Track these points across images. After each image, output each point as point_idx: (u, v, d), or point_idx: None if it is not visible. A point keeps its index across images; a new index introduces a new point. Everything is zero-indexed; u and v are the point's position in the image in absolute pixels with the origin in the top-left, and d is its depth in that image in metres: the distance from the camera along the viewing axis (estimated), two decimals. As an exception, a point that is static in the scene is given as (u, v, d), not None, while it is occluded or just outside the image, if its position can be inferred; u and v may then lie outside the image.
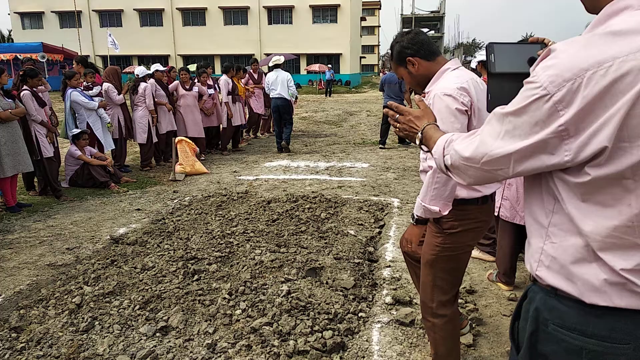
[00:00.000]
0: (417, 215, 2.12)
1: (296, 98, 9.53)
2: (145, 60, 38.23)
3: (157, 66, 8.03)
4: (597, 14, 0.95)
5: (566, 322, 0.99)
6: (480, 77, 5.56)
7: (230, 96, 8.96)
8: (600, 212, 0.92)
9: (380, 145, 9.44)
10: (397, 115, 1.45)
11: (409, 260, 2.61)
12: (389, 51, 2.29)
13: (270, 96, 9.02)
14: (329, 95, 27.68)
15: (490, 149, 1.00)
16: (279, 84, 8.80)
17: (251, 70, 10.20)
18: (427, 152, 1.39)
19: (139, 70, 7.71)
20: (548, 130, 0.90)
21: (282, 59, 9.27)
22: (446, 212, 2.01)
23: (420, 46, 2.09)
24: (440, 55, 2.13)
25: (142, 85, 7.51)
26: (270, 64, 9.21)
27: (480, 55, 5.95)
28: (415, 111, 1.41)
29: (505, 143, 0.97)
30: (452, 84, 1.97)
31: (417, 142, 1.36)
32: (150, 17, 39.74)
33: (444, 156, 1.15)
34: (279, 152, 9.07)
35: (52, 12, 39.42)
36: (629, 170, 0.88)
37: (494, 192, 2.19)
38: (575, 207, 0.95)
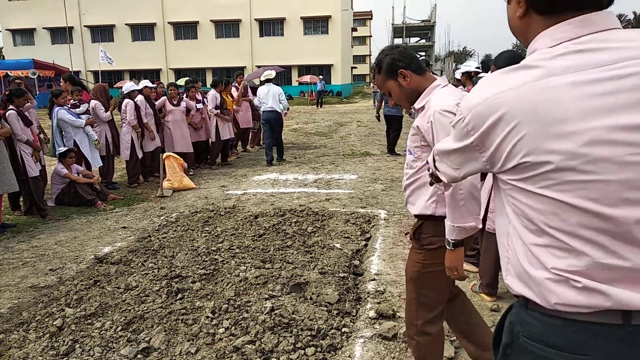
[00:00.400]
0: (452, 240, 2.01)
1: (287, 109, 9.67)
2: (137, 74, 38.29)
3: (145, 82, 8.05)
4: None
5: (533, 333, 1.02)
6: (464, 87, 5.63)
7: (218, 110, 9.00)
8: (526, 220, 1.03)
9: (388, 154, 9.85)
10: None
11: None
12: (375, 66, 2.29)
13: (262, 109, 9.11)
14: (320, 106, 27.76)
15: (445, 145, 1.18)
16: (270, 97, 8.93)
17: (236, 84, 10.21)
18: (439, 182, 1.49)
19: (126, 86, 7.72)
20: (466, 142, 1.08)
21: (273, 73, 9.44)
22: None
23: (411, 60, 2.12)
24: (428, 71, 2.16)
25: (125, 102, 7.51)
26: (262, 79, 9.37)
27: (465, 67, 6.01)
28: None
29: (450, 143, 1.16)
30: (448, 101, 1.99)
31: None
32: (142, 32, 39.90)
33: (433, 159, 1.30)
34: (267, 165, 9.11)
35: (43, 28, 39.51)
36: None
37: None
38: (512, 213, 1.05)
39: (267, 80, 9.20)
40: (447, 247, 2.03)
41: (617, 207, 0.91)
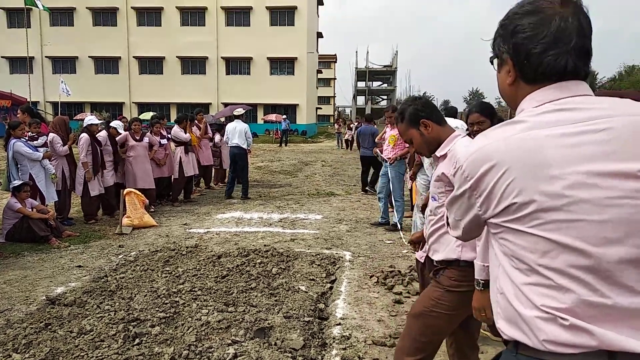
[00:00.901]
0: (482, 280, 2.00)
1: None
2: (98, 107, 37.61)
3: (91, 119, 7.71)
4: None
5: None
6: None
7: (182, 146, 8.96)
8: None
9: (362, 192, 10.26)
10: None
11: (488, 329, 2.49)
12: (398, 115, 2.40)
13: (228, 145, 9.42)
14: (285, 145, 27.92)
15: (450, 196, 1.28)
16: (237, 134, 9.22)
17: (196, 121, 10.17)
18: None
19: (86, 119, 7.54)
20: (464, 187, 1.17)
21: (242, 111, 9.92)
22: None
23: (432, 110, 2.28)
24: (447, 123, 2.30)
25: (81, 135, 7.32)
26: (234, 113, 9.77)
27: None
28: None
29: (453, 192, 1.25)
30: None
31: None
32: (106, 65, 39.50)
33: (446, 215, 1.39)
34: (226, 198, 9.41)
35: (2, 57, 38.52)
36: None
37: None
38: (502, 256, 1.13)
39: (237, 117, 9.50)
40: (477, 287, 2.03)
41: (599, 246, 0.99)
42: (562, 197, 1.00)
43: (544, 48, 1.10)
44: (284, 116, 31.37)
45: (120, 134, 7.93)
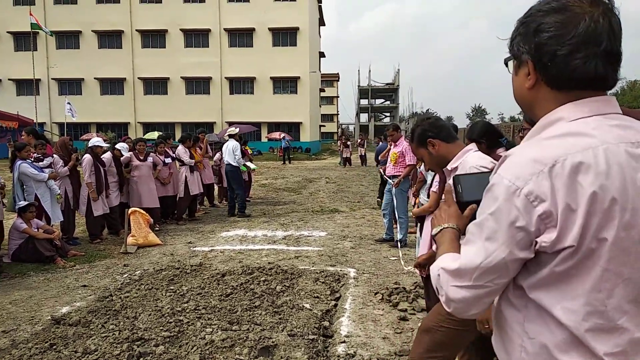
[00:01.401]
0: None
1: (253, 169, 10.17)
2: (104, 127, 38.02)
3: (97, 141, 7.81)
4: (534, 120, 1.10)
5: None
6: None
7: (187, 165, 9.09)
8: (569, 300, 0.97)
9: (378, 198, 10.43)
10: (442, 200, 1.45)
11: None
12: (410, 135, 2.49)
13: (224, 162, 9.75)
14: (289, 162, 27.92)
15: (480, 260, 1.01)
16: (227, 152, 9.56)
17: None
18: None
19: (92, 141, 7.63)
20: (525, 223, 0.95)
21: (236, 130, 9.94)
22: None
23: (440, 130, 2.33)
24: (459, 140, 2.35)
25: (84, 157, 7.40)
26: (226, 136, 9.99)
27: None
28: (452, 209, 1.35)
29: (493, 247, 1.00)
30: (484, 162, 2.16)
31: (434, 232, 1.33)
32: (112, 86, 39.98)
33: (437, 275, 1.13)
34: (229, 215, 9.54)
35: (9, 79, 39.07)
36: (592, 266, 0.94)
37: None
38: (545, 297, 0.99)
39: (231, 136, 9.75)
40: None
41: None
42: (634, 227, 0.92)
43: (570, 50, 0.99)
44: (283, 134, 31.45)
45: (124, 155, 7.99)
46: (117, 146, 7.96)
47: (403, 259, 6.05)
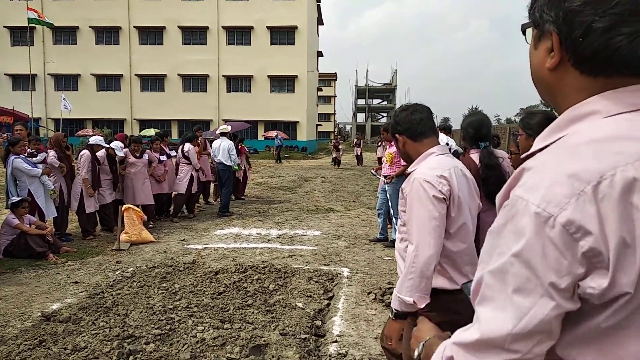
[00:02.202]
0: (395, 309, 1.96)
1: (247, 167, 10.01)
2: (99, 124, 37.84)
3: (100, 140, 7.76)
4: (556, 110, 0.85)
5: None
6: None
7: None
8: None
9: None
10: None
11: (390, 358, 2.32)
12: None
13: (216, 161, 9.57)
14: (279, 162, 27.52)
15: (511, 324, 0.73)
16: (220, 151, 9.40)
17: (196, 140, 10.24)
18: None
19: (94, 138, 7.61)
20: (567, 263, 0.69)
21: (228, 128, 9.97)
22: (422, 305, 1.90)
23: (410, 125, 2.14)
24: (430, 137, 2.14)
25: (82, 152, 7.35)
26: (217, 132, 9.81)
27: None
28: (425, 326, 1.20)
29: (528, 302, 0.72)
30: (433, 171, 1.98)
31: (416, 354, 1.11)
32: (108, 82, 39.83)
33: (448, 357, 0.82)
34: (218, 216, 9.35)
35: (5, 74, 38.85)
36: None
37: None
38: (579, 357, 0.75)
39: (222, 134, 9.63)
40: (390, 315, 2.00)
41: None
42: None
43: (613, 22, 0.72)
44: (275, 133, 31.25)
45: (117, 155, 7.89)
46: (112, 145, 7.90)
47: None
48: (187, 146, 9.12)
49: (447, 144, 3.49)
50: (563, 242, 0.68)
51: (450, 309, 1.89)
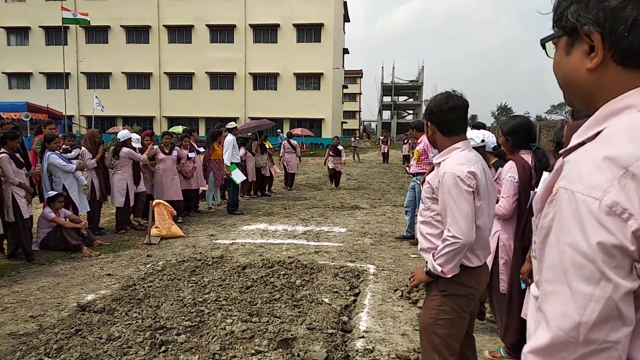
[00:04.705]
0: (428, 267, 2.23)
1: (270, 164, 10.06)
2: (130, 121, 38.68)
3: (125, 134, 7.87)
4: (590, 113, 0.87)
5: None
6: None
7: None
8: None
9: None
10: None
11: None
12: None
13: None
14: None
15: (577, 313, 0.73)
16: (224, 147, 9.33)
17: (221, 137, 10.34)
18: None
19: (122, 134, 7.77)
20: (619, 241, 0.71)
21: (234, 125, 9.77)
22: (450, 275, 2.16)
23: (444, 121, 2.24)
24: (459, 135, 2.25)
25: (124, 150, 7.54)
26: (226, 128, 9.74)
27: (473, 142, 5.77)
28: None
29: (589, 288, 0.72)
30: (462, 167, 2.13)
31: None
32: (138, 80, 40.65)
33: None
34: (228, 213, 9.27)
35: (40, 72, 40.10)
36: None
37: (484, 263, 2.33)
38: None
39: (229, 130, 9.52)
40: (424, 269, 2.26)
41: None
42: None
43: None
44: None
45: (134, 148, 7.86)
46: (122, 134, 7.97)
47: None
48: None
49: (483, 140, 3.47)
50: (612, 223, 0.71)
51: (465, 283, 2.23)
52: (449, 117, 2.22)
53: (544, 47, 0.94)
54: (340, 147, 13.75)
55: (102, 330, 3.71)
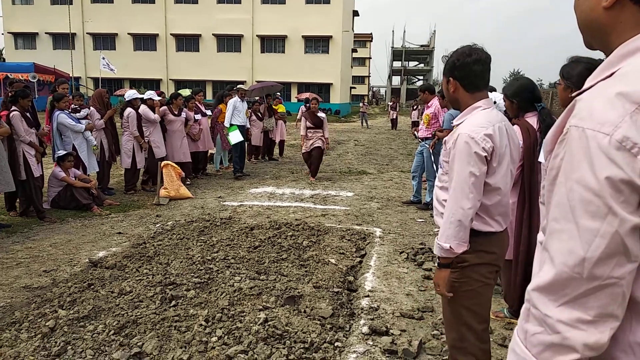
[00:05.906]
0: (438, 258, 2.09)
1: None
2: (137, 83, 38.42)
3: (151, 94, 8.01)
4: (607, 53, 0.87)
5: None
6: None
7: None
8: None
9: None
10: None
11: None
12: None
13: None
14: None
15: (582, 249, 0.73)
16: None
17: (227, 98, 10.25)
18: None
19: (128, 94, 7.74)
20: (627, 176, 0.71)
21: (241, 87, 9.67)
22: (460, 251, 2.01)
23: (468, 75, 2.07)
24: (482, 91, 2.11)
25: (127, 110, 7.53)
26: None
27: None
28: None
29: (595, 223, 0.73)
30: (479, 128, 1.99)
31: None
32: (144, 42, 40.14)
33: (529, 309, 0.82)
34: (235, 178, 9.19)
35: (46, 33, 39.67)
36: None
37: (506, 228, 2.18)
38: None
39: (235, 92, 9.43)
40: (435, 265, 2.08)
41: None
42: None
43: None
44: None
45: (154, 101, 7.94)
46: (147, 94, 8.02)
47: (432, 219, 6.05)
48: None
49: (495, 102, 3.43)
50: (622, 158, 0.71)
51: (486, 249, 2.09)
52: (472, 71, 2.05)
53: None
54: (321, 116, 9.22)
55: (114, 285, 3.81)
